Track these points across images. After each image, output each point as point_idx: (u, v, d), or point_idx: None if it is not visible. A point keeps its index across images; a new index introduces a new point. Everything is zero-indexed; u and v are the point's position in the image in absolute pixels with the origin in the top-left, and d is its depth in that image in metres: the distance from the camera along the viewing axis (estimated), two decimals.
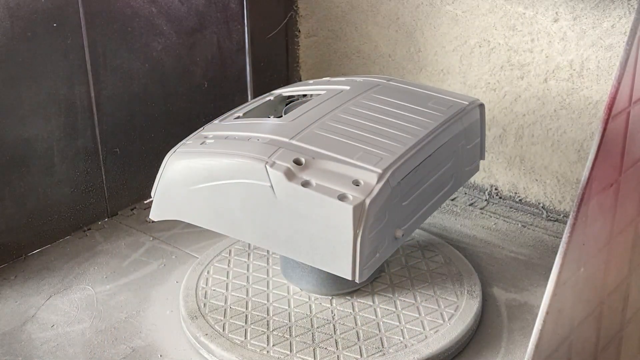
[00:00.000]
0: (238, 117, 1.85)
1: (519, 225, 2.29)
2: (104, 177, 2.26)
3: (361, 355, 1.67)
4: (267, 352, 1.68)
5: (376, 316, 1.79)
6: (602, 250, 1.30)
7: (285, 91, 2.01)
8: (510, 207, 2.38)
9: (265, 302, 1.84)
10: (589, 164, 1.13)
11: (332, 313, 1.81)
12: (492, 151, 2.36)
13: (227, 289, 1.89)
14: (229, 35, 2.46)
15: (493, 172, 2.40)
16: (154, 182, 1.76)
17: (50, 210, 2.15)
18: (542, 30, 2.14)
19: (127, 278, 2.02)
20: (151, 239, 2.20)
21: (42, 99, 2.05)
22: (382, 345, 1.70)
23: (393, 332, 1.74)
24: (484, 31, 2.25)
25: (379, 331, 1.74)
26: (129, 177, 2.33)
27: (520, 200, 2.38)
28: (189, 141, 1.76)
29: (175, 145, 1.76)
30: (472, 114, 1.86)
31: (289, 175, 1.55)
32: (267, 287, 1.90)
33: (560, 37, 2.11)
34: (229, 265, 1.98)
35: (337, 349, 1.69)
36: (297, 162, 1.58)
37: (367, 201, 1.50)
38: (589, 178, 1.14)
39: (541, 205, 2.34)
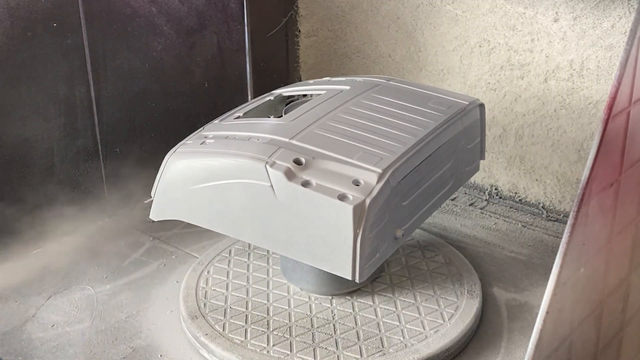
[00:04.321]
0: (238, 117, 1.85)
1: (519, 225, 2.29)
2: (104, 177, 2.26)
3: (361, 355, 1.67)
4: (267, 352, 1.68)
5: (376, 316, 1.79)
6: (602, 250, 1.30)
7: (285, 91, 2.01)
8: (510, 207, 2.38)
9: (265, 302, 1.84)
10: (589, 164, 1.13)
11: (332, 313, 1.81)
12: (492, 151, 2.36)
13: (227, 289, 1.89)
14: (229, 35, 2.46)
15: (493, 172, 2.40)
16: (154, 182, 1.76)
17: (50, 210, 2.15)
18: (542, 30, 2.14)
19: (127, 278, 2.02)
20: (151, 239, 2.20)
21: (42, 99, 2.05)
22: (382, 345, 1.70)
23: (393, 332, 1.74)
24: (484, 31, 2.25)
25: (379, 331, 1.74)
26: (129, 177, 2.33)
27: (520, 200, 2.38)
28: (189, 141, 1.76)
29: (175, 145, 1.76)
30: (472, 114, 1.86)
31: (289, 175, 1.55)
32: (267, 287, 1.90)
33: (560, 37, 2.11)
34: (229, 265, 1.98)
35: (337, 349, 1.69)
36: (297, 162, 1.58)
37: (367, 201, 1.50)
38: (589, 178, 1.14)
39: (541, 205, 2.34)
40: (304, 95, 2.02)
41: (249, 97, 2.56)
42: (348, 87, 1.92)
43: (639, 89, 1.21)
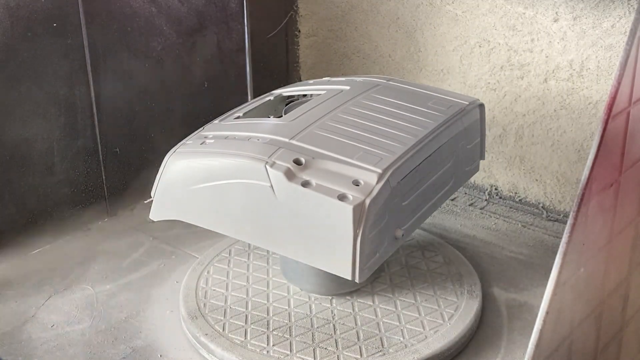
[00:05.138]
0: (238, 117, 1.85)
1: (519, 225, 2.29)
2: (104, 177, 2.26)
3: (361, 355, 1.67)
4: (267, 352, 1.68)
5: (376, 316, 1.79)
6: (602, 250, 1.30)
7: (285, 91, 2.01)
8: (510, 207, 2.38)
9: (265, 302, 1.84)
10: (589, 164, 1.13)
11: (332, 313, 1.81)
12: (492, 151, 2.36)
13: (227, 289, 1.89)
14: (229, 35, 2.46)
15: (493, 172, 2.40)
16: (154, 182, 1.76)
17: (50, 210, 2.15)
18: (542, 30, 2.14)
19: (127, 278, 2.02)
20: (151, 239, 2.20)
21: (42, 99, 2.05)
22: (382, 345, 1.70)
23: (393, 332, 1.74)
24: (484, 31, 2.25)
25: (379, 331, 1.74)
26: (129, 177, 2.33)
27: (520, 200, 2.38)
28: (189, 141, 1.76)
29: (175, 145, 1.77)
30: (472, 114, 1.86)
31: (289, 175, 1.55)
32: (267, 287, 1.90)
33: (560, 37, 2.11)
34: (229, 265, 1.98)
35: (337, 349, 1.69)
36: (297, 162, 1.58)
37: (367, 201, 1.50)
38: (589, 178, 1.14)
39: (541, 205, 2.34)
40: (304, 95, 2.02)
41: (249, 97, 2.56)
42: (348, 87, 1.92)
43: (639, 89, 1.21)
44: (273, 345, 1.70)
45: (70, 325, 1.84)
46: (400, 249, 2.04)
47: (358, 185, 1.53)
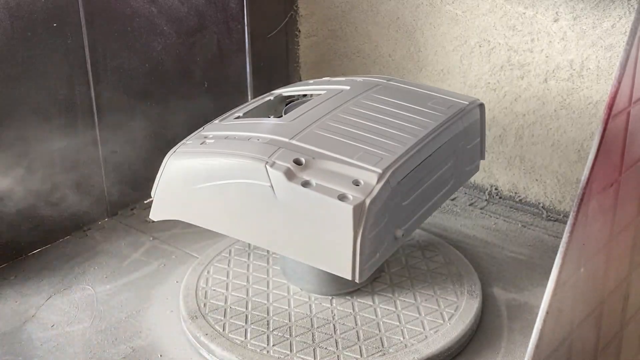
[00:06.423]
0: (238, 117, 1.85)
1: (519, 225, 2.29)
2: (104, 177, 2.26)
3: (361, 355, 1.67)
4: (267, 352, 1.68)
5: (376, 316, 1.79)
6: (602, 250, 1.30)
7: (285, 91, 2.02)
8: (510, 207, 2.38)
9: (265, 302, 1.84)
10: (589, 163, 1.13)
11: (332, 313, 1.81)
12: (492, 151, 2.36)
13: (227, 289, 1.89)
14: (229, 35, 2.46)
15: (493, 172, 2.40)
16: (154, 182, 1.76)
17: (51, 210, 2.15)
18: (542, 30, 2.14)
19: (127, 278, 2.02)
20: (151, 239, 2.20)
21: (42, 99, 2.05)
22: (382, 345, 1.70)
23: (393, 332, 1.74)
24: (484, 31, 2.25)
25: (379, 331, 1.74)
26: (129, 177, 2.33)
27: (520, 200, 2.38)
28: (189, 141, 1.76)
29: (175, 145, 1.76)
30: (472, 114, 1.86)
31: (289, 175, 1.55)
32: (267, 287, 1.90)
33: (560, 37, 2.11)
34: (229, 265, 1.98)
35: (337, 349, 1.69)
36: (297, 162, 1.58)
37: (367, 201, 1.50)
38: (589, 178, 1.14)
39: (541, 205, 2.34)
40: (304, 95, 2.02)
41: (249, 97, 2.56)
42: (348, 87, 1.92)
43: (639, 89, 1.21)
44: (273, 345, 1.70)
45: (70, 325, 1.84)
46: (400, 249, 2.04)
47: (358, 185, 1.53)
